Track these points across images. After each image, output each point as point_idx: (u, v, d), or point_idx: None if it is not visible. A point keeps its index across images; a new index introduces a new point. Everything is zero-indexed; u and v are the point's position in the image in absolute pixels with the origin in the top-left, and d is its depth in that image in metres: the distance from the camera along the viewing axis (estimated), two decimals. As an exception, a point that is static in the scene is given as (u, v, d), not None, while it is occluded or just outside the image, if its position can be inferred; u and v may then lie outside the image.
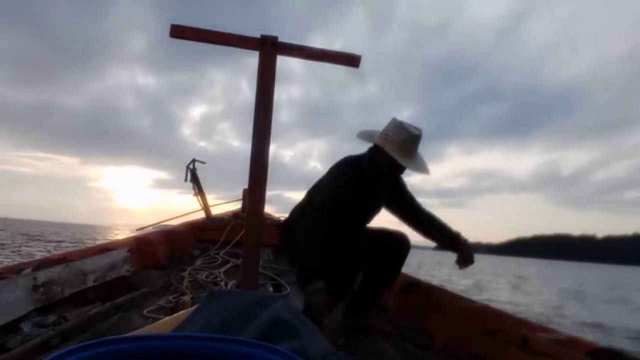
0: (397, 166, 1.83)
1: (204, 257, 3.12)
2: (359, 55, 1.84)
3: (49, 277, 1.83)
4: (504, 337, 1.65)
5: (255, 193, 1.68)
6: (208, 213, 4.30)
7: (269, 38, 1.75)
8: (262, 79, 1.72)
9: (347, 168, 1.98)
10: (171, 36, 1.74)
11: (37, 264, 2.05)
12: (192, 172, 3.97)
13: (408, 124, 1.81)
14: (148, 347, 0.68)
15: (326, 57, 1.84)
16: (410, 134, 1.78)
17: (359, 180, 1.93)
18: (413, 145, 1.81)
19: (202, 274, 2.46)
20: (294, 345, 0.90)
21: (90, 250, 2.63)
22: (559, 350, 1.40)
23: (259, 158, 1.69)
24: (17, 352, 1.31)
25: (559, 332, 1.59)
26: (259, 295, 1.21)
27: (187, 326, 1.05)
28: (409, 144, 1.79)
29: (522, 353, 1.53)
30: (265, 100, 1.72)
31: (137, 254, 2.80)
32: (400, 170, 1.91)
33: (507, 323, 1.72)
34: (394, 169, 1.86)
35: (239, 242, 3.31)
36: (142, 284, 2.36)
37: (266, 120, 1.71)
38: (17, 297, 1.62)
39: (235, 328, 1.00)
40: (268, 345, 0.69)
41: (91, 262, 2.19)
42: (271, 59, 1.74)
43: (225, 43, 1.76)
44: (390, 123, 1.84)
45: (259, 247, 1.71)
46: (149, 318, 1.73)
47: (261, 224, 1.71)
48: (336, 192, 1.89)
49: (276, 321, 0.99)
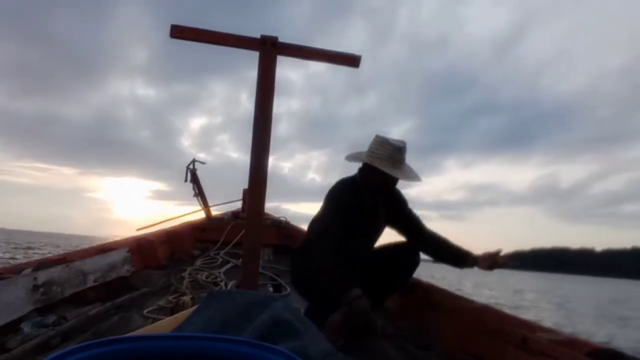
0: (389, 179, 1.89)
1: (204, 258, 3.12)
2: (359, 56, 1.84)
3: (49, 277, 1.83)
4: (504, 337, 1.65)
5: (255, 193, 1.68)
6: (208, 213, 4.30)
7: (268, 38, 1.75)
8: (262, 79, 1.72)
9: (342, 190, 2.01)
10: (171, 36, 1.74)
11: (37, 264, 2.05)
12: (192, 172, 3.96)
13: (391, 138, 1.88)
14: (148, 347, 0.68)
15: (326, 57, 1.84)
16: (394, 146, 1.85)
17: (355, 201, 1.97)
18: (399, 156, 1.88)
19: (202, 274, 2.46)
20: (294, 345, 0.90)
21: (91, 250, 2.63)
22: (559, 350, 1.39)
23: (259, 158, 1.70)
24: (17, 352, 1.31)
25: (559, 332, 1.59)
26: (259, 295, 1.21)
27: (187, 326, 1.05)
28: (395, 156, 1.86)
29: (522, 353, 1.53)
30: (265, 101, 1.72)
31: (137, 254, 2.80)
32: (393, 183, 1.97)
33: (507, 323, 1.72)
34: (386, 182, 1.92)
35: (239, 242, 3.31)
36: (142, 284, 2.36)
37: (266, 121, 1.71)
38: (17, 297, 1.62)
39: (235, 328, 1.00)
40: (268, 345, 0.69)
41: (91, 262, 2.19)
42: (271, 59, 1.74)
43: (224, 43, 1.76)
44: (373, 140, 1.91)
45: (259, 247, 1.71)
46: (149, 318, 1.73)
47: (261, 224, 1.71)
48: (336, 217, 1.92)
49: (276, 321, 0.99)
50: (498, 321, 1.77)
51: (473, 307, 1.98)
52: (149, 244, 3.00)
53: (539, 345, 1.47)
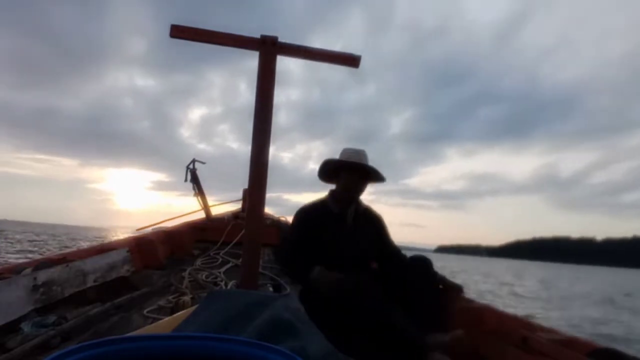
0: (355, 168, 1.99)
1: (204, 257, 3.12)
2: (359, 56, 1.84)
3: (49, 277, 1.83)
4: (504, 337, 1.65)
5: (255, 193, 1.68)
6: (208, 213, 4.30)
7: (269, 38, 1.75)
8: (262, 79, 1.72)
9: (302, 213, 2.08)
10: (171, 36, 1.74)
11: (37, 264, 2.05)
12: (192, 172, 3.96)
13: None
14: (148, 347, 0.68)
15: (326, 58, 1.84)
16: (355, 149, 2.03)
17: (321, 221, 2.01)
18: (362, 156, 2.02)
19: (202, 274, 2.46)
20: (294, 345, 0.90)
21: (91, 250, 2.63)
22: (559, 350, 1.39)
23: (259, 158, 1.69)
24: (17, 352, 1.31)
25: (559, 332, 1.59)
26: (259, 295, 1.21)
27: (187, 326, 1.05)
28: (358, 155, 2.02)
29: (522, 353, 1.53)
30: (265, 100, 1.71)
31: (137, 254, 2.80)
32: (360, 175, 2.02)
33: (507, 323, 1.72)
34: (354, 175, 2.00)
35: (239, 242, 3.31)
36: (142, 284, 2.36)
37: (266, 121, 1.70)
38: (17, 297, 1.62)
39: (235, 328, 1.00)
40: (268, 345, 0.69)
41: (91, 262, 2.19)
42: (271, 59, 1.74)
43: (225, 43, 1.76)
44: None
45: (259, 247, 1.71)
46: (149, 318, 1.73)
47: (261, 224, 1.71)
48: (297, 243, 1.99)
49: (276, 321, 0.99)
50: (498, 321, 1.77)
51: (473, 307, 1.97)
52: (149, 243, 3.00)
53: (539, 345, 1.47)
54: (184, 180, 3.98)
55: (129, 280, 2.43)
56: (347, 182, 2.01)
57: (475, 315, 1.89)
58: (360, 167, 1.99)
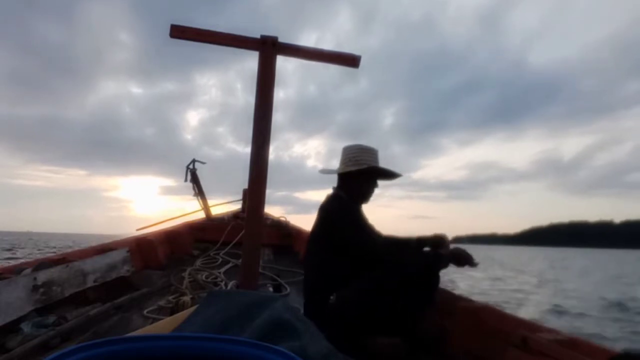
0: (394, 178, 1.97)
1: (204, 258, 3.12)
2: (359, 56, 1.84)
3: (49, 277, 1.83)
4: (504, 337, 1.65)
5: (255, 193, 1.68)
6: (208, 213, 4.30)
7: (269, 38, 1.75)
8: (262, 79, 1.72)
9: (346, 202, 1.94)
10: (171, 36, 1.74)
11: (37, 264, 2.05)
12: (192, 172, 3.97)
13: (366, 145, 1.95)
14: (148, 348, 0.68)
15: (326, 58, 1.84)
16: (375, 150, 1.93)
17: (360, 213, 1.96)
18: (377, 155, 1.94)
19: (202, 274, 2.46)
20: (294, 345, 0.90)
21: (90, 250, 2.63)
22: (559, 351, 1.39)
23: (259, 158, 1.69)
24: (17, 352, 1.31)
25: (559, 332, 1.58)
26: (259, 295, 1.21)
27: (186, 326, 1.05)
28: (376, 156, 1.93)
29: (522, 353, 1.53)
30: (265, 100, 1.72)
31: (137, 254, 2.80)
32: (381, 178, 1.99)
33: (507, 323, 1.72)
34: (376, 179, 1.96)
35: (239, 242, 3.32)
36: (142, 284, 2.37)
37: (266, 121, 1.71)
38: (17, 297, 1.62)
39: (235, 328, 1.00)
40: (268, 345, 0.69)
41: (91, 262, 2.19)
42: (271, 59, 1.74)
43: (225, 43, 1.76)
44: (351, 150, 1.93)
45: (259, 247, 1.71)
46: (149, 318, 1.73)
47: (261, 224, 1.71)
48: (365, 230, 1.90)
49: (276, 321, 0.99)
50: (498, 321, 1.77)
51: (473, 307, 1.97)
52: (148, 244, 3.00)
53: (539, 345, 1.47)
54: (184, 181, 3.99)
55: (129, 281, 2.43)
56: (372, 186, 1.97)
57: (475, 315, 1.89)
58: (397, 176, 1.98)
